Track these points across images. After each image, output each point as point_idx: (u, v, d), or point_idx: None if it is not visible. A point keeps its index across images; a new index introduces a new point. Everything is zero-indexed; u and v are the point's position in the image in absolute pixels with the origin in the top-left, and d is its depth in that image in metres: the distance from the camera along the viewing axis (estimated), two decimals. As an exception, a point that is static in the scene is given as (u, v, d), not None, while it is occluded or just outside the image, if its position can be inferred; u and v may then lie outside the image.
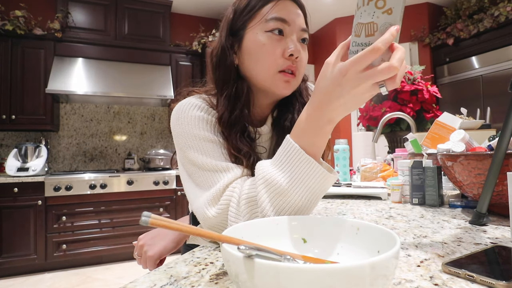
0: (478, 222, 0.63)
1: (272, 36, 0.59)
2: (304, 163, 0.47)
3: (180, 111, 0.60)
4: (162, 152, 3.44)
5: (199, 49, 3.61)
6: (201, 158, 0.56)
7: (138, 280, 0.40)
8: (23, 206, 2.70)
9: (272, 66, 0.59)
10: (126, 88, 3.18)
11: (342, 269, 0.25)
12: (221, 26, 0.66)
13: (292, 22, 0.59)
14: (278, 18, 0.59)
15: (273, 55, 0.58)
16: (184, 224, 0.32)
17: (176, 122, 0.60)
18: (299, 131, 0.48)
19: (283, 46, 0.59)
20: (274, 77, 0.59)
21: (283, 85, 0.59)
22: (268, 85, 0.60)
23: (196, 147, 0.57)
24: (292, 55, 0.59)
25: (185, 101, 0.62)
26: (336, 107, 0.45)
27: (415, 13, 3.83)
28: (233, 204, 0.51)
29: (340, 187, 1.10)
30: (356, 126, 3.12)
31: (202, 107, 0.61)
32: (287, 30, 0.59)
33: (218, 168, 0.55)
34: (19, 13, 2.97)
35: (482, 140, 0.97)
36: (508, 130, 0.59)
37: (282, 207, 0.48)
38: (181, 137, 0.59)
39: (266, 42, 0.59)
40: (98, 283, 2.53)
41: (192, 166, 0.57)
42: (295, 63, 0.59)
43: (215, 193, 0.53)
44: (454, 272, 0.38)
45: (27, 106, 3.00)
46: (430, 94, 1.74)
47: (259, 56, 0.59)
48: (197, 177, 0.57)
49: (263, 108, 0.68)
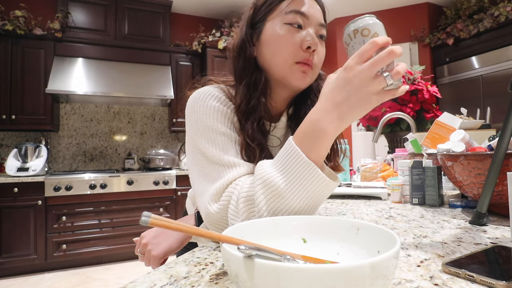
0: (478, 222, 0.63)
1: (290, 28, 0.60)
2: (304, 167, 0.46)
3: (197, 99, 0.60)
4: (162, 152, 3.44)
5: (199, 49, 3.61)
6: (211, 149, 0.56)
7: (138, 280, 0.40)
8: (23, 206, 2.70)
9: (290, 57, 0.59)
10: (126, 88, 3.18)
11: (342, 269, 0.25)
12: (242, 20, 0.67)
13: (311, 16, 0.60)
14: (297, 11, 0.59)
15: (291, 46, 0.59)
16: (184, 224, 0.32)
17: (191, 109, 0.60)
18: (302, 134, 0.48)
19: (301, 38, 0.59)
20: (291, 68, 0.60)
21: (300, 75, 0.60)
22: (285, 76, 0.61)
23: (208, 138, 0.57)
24: (310, 48, 0.59)
25: (203, 89, 0.62)
26: (341, 112, 0.45)
27: (415, 13, 3.83)
28: (233, 202, 0.51)
29: (340, 187, 1.10)
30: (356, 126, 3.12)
31: (220, 97, 0.61)
32: (306, 23, 0.60)
33: (225, 162, 0.55)
34: (19, 13, 2.97)
35: (482, 140, 0.97)
36: (508, 130, 0.59)
37: (278, 209, 0.47)
38: (194, 126, 0.59)
39: (284, 33, 0.59)
40: (98, 283, 2.53)
41: (201, 156, 0.57)
42: (312, 56, 0.60)
43: (218, 188, 0.53)
44: (454, 272, 0.38)
45: (27, 106, 3.00)
46: (430, 94, 1.75)
47: (276, 47, 0.60)
48: (204, 167, 0.56)
49: (280, 102, 0.68)
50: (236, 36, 0.67)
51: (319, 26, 0.62)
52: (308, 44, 0.58)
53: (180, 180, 3.21)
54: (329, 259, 0.37)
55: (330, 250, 0.39)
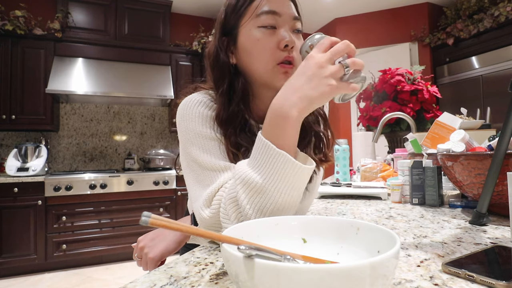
0: (478, 222, 0.63)
1: (265, 31, 0.59)
2: (276, 157, 0.46)
3: (184, 107, 0.61)
4: (162, 152, 3.44)
5: (199, 49, 3.61)
6: (202, 156, 0.57)
7: (138, 280, 0.40)
8: (23, 206, 2.70)
9: (270, 60, 0.59)
10: (126, 88, 3.18)
11: (342, 269, 0.25)
12: (215, 27, 0.66)
13: (283, 13, 0.59)
14: (269, 11, 0.59)
15: (269, 49, 0.59)
16: (184, 224, 0.32)
17: (180, 118, 0.61)
18: (268, 125, 0.49)
19: (277, 38, 0.59)
20: (273, 70, 0.59)
21: (283, 76, 0.59)
22: (268, 79, 0.60)
23: (198, 144, 0.58)
24: (288, 46, 0.59)
25: (191, 97, 0.63)
26: (302, 94, 0.46)
27: (415, 13, 3.83)
28: (222, 205, 0.51)
29: (340, 187, 1.10)
30: (356, 126, 3.12)
31: (207, 103, 0.62)
32: (279, 22, 0.59)
33: (216, 167, 0.56)
34: (19, 13, 2.96)
35: (482, 140, 0.97)
36: (508, 130, 0.59)
37: (262, 205, 0.47)
38: (185, 134, 0.60)
39: (260, 37, 0.59)
40: (98, 283, 2.53)
41: (193, 162, 0.58)
42: (291, 52, 0.60)
43: (209, 194, 0.54)
44: (454, 272, 0.38)
45: (27, 106, 3.00)
46: (430, 94, 1.75)
47: (255, 52, 0.60)
48: (198, 174, 0.58)
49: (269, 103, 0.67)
50: (211, 43, 0.66)
51: (293, 20, 0.61)
52: (285, 43, 0.58)
53: (180, 180, 3.21)
54: (329, 259, 0.37)
55: (330, 250, 0.39)
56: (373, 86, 1.90)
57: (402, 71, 1.81)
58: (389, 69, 1.85)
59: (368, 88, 1.95)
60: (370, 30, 3.97)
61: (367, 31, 3.99)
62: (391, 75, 1.79)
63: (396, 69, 1.83)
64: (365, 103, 1.97)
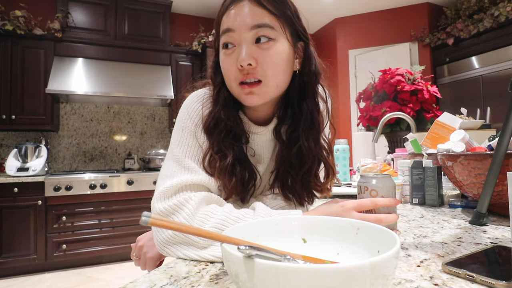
0: (478, 222, 0.63)
1: (225, 51, 0.58)
2: None
3: (188, 100, 0.64)
4: (162, 152, 3.44)
5: (199, 49, 3.61)
6: (177, 148, 0.59)
7: (138, 280, 0.40)
8: (23, 206, 2.70)
9: (233, 81, 0.57)
10: (126, 88, 3.18)
11: (342, 269, 0.25)
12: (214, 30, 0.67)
13: (237, 28, 0.55)
14: (225, 30, 0.57)
15: (229, 70, 0.57)
16: (184, 224, 0.32)
17: (181, 109, 0.64)
18: None
19: (235, 58, 0.56)
20: (237, 90, 0.58)
21: (246, 97, 0.57)
22: (238, 97, 0.60)
23: (180, 137, 0.60)
24: (242, 67, 0.55)
25: (196, 92, 0.65)
26: None
27: (415, 13, 3.83)
28: (185, 216, 0.51)
29: (340, 187, 1.10)
30: (356, 126, 3.12)
31: (205, 102, 0.63)
32: (236, 38, 0.56)
33: (183, 164, 0.57)
34: (19, 13, 2.96)
35: (482, 140, 0.97)
36: (508, 130, 0.59)
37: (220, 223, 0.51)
38: (176, 123, 0.63)
39: (222, 59, 0.59)
40: (98, 283, 2.53)
41: (170, 150, 0.61)
42: (251, 71, 0.55)
43: (168, 187, 0.54)
44: (454, 272, 0.38)
45: (27, 106, 3.00)
46: (430, 94, 1.74)
47: (223, 73, 0.60)
48: (168, 162, 0.59)
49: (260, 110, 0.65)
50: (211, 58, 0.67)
51: (253, 29, 0.54)
52: (239, 63, 0.54)
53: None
54: (329, 259, 0.37)
55: (330, 250, 0.39)
56: (373, 86, 1.90)
57: (402, 71, 1.81)
58: (389, 69, 1.85)
59: (368, 88, 1.95)
60: (370, 30, 3.97)
61: (367, 31, 3.99)
62: (391, 75, 1.79)
63: (396, 69, 1.83)
64: (365, 103, 1.97)
